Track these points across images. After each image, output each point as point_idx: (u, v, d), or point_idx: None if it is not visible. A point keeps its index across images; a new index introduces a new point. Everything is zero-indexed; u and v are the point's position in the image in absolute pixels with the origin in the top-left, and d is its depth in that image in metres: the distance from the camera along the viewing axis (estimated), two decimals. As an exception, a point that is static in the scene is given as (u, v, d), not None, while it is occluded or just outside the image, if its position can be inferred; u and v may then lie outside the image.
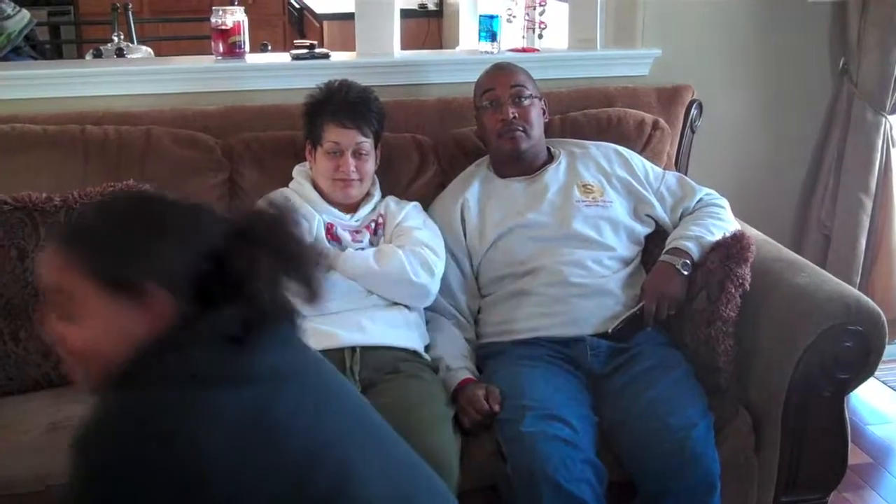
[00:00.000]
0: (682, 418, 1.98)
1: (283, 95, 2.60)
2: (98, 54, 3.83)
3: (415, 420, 1.96)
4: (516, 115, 2.34)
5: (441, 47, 4.94)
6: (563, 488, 1.86)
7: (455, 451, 1.95)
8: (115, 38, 3.91)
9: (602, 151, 2.45)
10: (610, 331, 2.18)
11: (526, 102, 2.36)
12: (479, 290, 2.34)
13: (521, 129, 2.34)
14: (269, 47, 3.53)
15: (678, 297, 2.20)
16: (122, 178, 2.24)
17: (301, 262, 1.19)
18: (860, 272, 3.08)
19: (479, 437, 2.02)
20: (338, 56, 2.87)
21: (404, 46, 3.02)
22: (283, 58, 2.83)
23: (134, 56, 3.80)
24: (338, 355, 2.10)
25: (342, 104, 2.28)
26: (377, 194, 2.36)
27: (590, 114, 2.63)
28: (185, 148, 2.42)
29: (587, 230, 2.30)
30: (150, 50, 4.12)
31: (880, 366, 2.12)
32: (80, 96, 2.56)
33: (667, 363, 2.13)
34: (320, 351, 2.06)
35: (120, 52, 3.66)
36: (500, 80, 2.39)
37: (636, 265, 2.34)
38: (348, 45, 2.94)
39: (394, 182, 2.44)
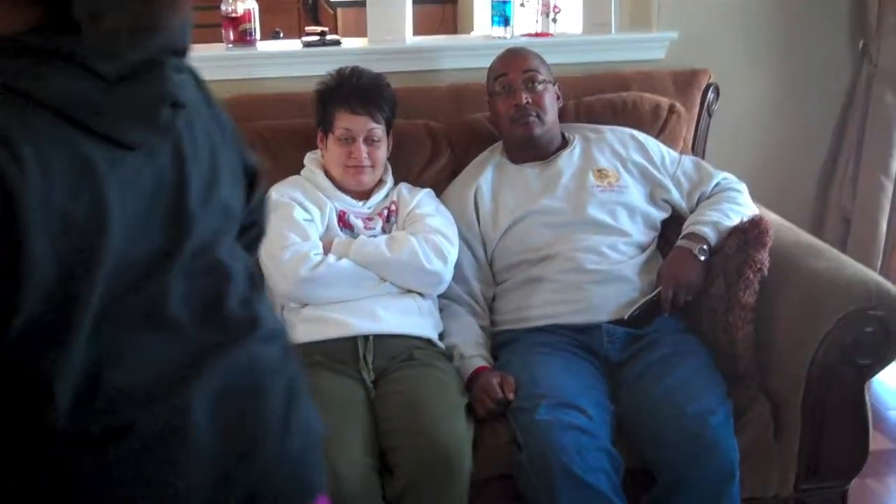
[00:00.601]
0: (700, 406, 1.96)
1: (295, 83, 2.58)
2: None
3: (428, 409, 1.96)
4: (529, 100, 2.31)
5: (456, 33, 4.90)
6: (578, 477, 1.84)
7: (468, 440, 1.93)
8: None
9: (617, 136, 2.42)
10: (626, 317, 2.16)
11: (539, 87, 2.33)
12: (494, 277, 2.32)
13: (534, 114, 2.31)
14: (282, 34, 3.50)
15: (695, 283, 2.17)
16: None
17: None
18: (881, 256, 3.03)
19: (494, 425, 2.01)
20: (349, 42, 2.85)
21: (418, 33, 2.99)
22: (295, 45, 2.80)
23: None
24: (351, 344, 2.10)
25: (353, 91, 2.26)
26: (389, 181, 2.34)
27: (604, 98, 2.59)
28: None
29: (602, 216, 2.28)
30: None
31: (902, 351, 2.09)
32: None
33: (684, 350, 2.11)
34: (332, 339, 2.11)
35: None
36: (513, 65, 2.36)
37: (652, 251, 2.31)
38: (362, 31, 2.91)
39: (406, 169, 2.42)
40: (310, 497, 1.02)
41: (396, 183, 2.36)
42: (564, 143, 2.41)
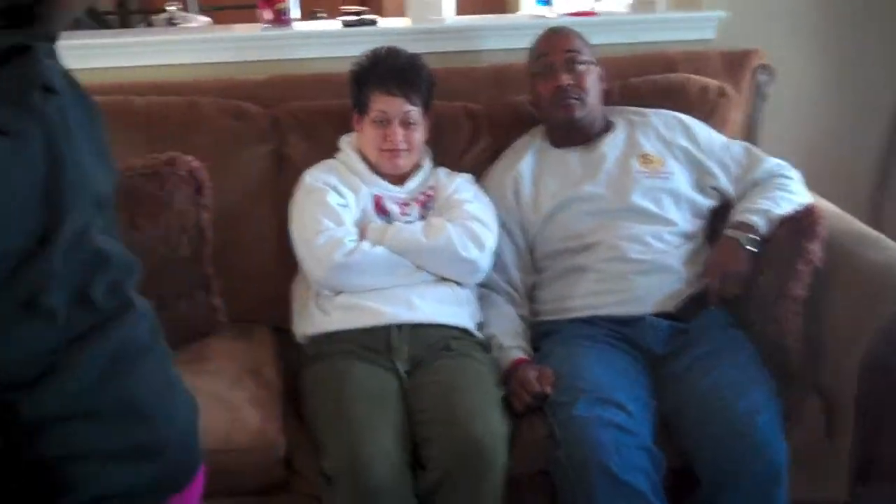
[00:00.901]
0: (747, 403, 1.89)
1: (332, 63, 2.52)
2: (150, 25, 3.79)
3: (464, 401, 1.92)
4: (571, 81, 2.23)
5: (505, 12, 4.81)
6: (616, 477, 1.79)
7: (503, 435, 1.88)
8: (172, 8, 3.86)
9: (663, 120, 2.34)
10: (672, 310, 2.07)
11: (581, 68, 2.25)
12: (535, 265, 2.25)
13: (575, 96, 2.24)
14: (323, 15, 3.44)
15: (743, 274, 2.09)
16: (167, 148, 2.18)
17: None
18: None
19: (532, 419, 1.95)
20: (388, 22, 2.79)
21: (463, 12, 2.91)
22: (331, 25, 2.75)
23: (186, 25, 3.75)
24: (385, 333, 2.05)
25: (389, 71, 2.20)
26: (428, 165, 2.28)
27: (650, 80, 2.50)
28: (231, 118, 2.37)
29: (647, 203, 2.20)
30: (209, 20, 4.05)
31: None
32: (124, 66, 2.52)
33: (731, 345, 2.04)
34: (366, 328, 2.07)
35: (171, 22, 3.61)
36: (555, 44, 2.29)
37: (699, 240, 2.23)
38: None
39: (445, 153, 2.35)
40: (196, 465, 1.06)
41: (435, 167, 2.30)
42: (608, 127, 2.33)
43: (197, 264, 2.14)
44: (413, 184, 2.24)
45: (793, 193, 2.19)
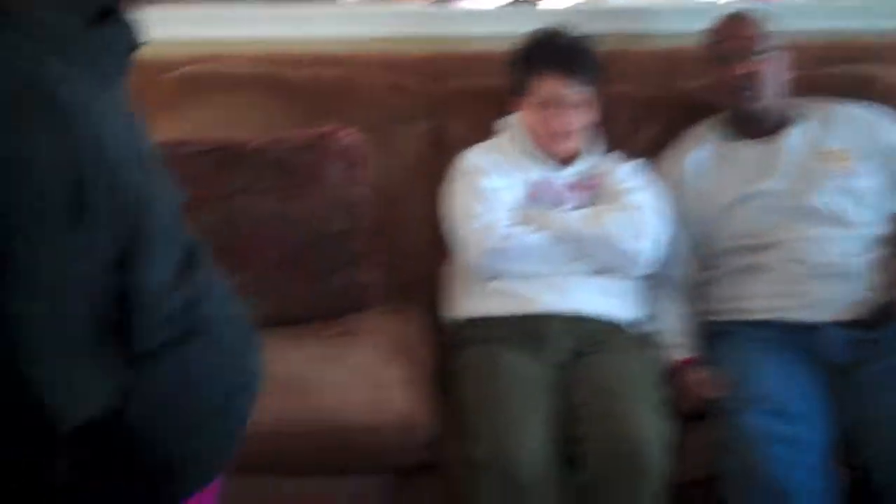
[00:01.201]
0: None
1: (496, 42, 2.45)
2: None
3: (622, 400, 1.83)
4: (748, 71, 2.10)
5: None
6: (785, 495, 1.70)
7: (661, 437, 1.78)
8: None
9: (853, 114, 2.17)
10: (856, 317, 1.94)
11: (760, 57, 2.12)
12: (707, 261, 2.13)
13: (749, 87, 2.11)
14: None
15: None
16: (324, 122, 2.17)
17: None
18: None
19: (697, 423, 1.85)
20: (554, 1, 2.69)
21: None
22: (496, 2, 2.68)
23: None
24: (539, 321, 1.99)
25: (553, 53, 2.12)
26: (595, 150, 2.19)
27: (842, 71, 2.34)
28: (390, 94, 2.34)
29: (830, 203, 2.06)
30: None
31: None
32: (285, 36, 2.51)
33: (921, 363, 1.87)
34: (520, 315, 1.99)
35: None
36: (732, 31, 2.17)
37: (889, 246, 2.06)
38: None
39: (613, 138, 2.24)
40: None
41: (605, 153, 2.20)
42: (790, 121, 2.18)
43: (351, 240, 2.11)
44: (577, 169, 2.15)
45: None
